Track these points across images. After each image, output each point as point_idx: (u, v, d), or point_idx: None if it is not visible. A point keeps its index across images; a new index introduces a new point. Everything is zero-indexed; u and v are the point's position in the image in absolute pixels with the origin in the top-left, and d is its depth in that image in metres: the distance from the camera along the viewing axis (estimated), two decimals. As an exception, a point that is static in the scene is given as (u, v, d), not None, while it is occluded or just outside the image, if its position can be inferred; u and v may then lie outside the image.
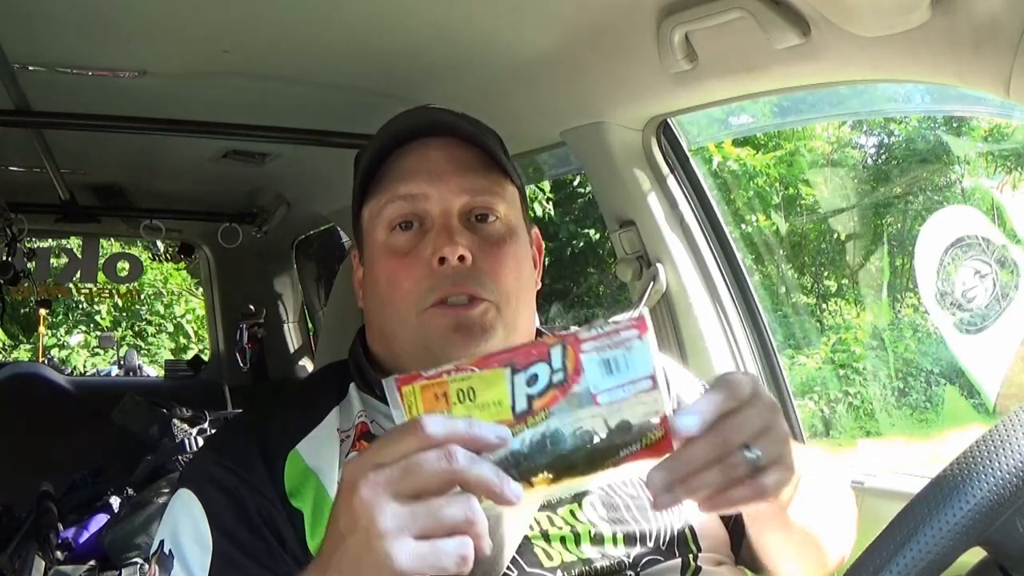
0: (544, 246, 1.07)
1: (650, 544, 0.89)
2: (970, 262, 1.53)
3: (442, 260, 0.89)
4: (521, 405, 0.64)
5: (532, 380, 0.64)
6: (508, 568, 0.83)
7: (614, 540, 0.88)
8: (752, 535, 0.92)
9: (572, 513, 0.89)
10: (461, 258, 0.89)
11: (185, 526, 0.83)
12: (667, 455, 0.65)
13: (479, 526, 0.60)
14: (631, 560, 0.87)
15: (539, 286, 1.03)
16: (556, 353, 0.65)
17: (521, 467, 0.63)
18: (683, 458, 0.65)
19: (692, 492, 0.65)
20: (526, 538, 0.86)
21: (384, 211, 0.93)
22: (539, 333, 1.04)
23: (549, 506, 0.89)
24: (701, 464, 0.65)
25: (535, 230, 1.04)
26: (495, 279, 0.91)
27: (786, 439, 0.69)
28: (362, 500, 0.59)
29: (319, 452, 0.88)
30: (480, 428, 0.61)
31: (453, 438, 0.60)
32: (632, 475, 0.68)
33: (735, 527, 0.98)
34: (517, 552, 0.84)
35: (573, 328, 0.66)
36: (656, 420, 0.65)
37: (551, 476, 0.64)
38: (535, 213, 7.56)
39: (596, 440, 0.64)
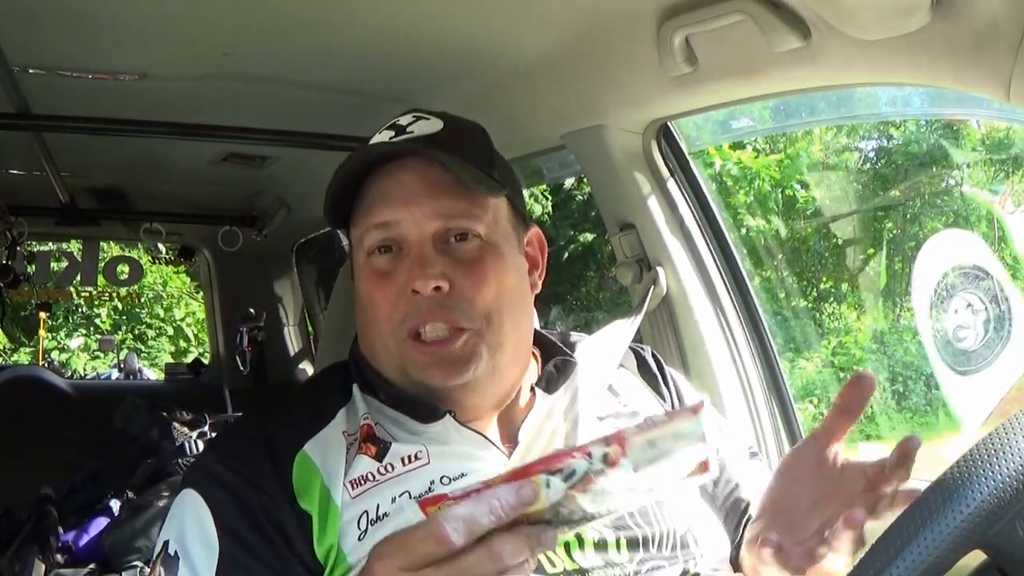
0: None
1: (652, 549, 0.89)
2: (965, 294, 1.51)
3: (415, 291, 0.88)
4: (555, 497, 0.62)
5: (569, 476, 0.62)
6: None
7: (617, 545, 0.87)
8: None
9: None
10: (437, 288, 0.88)
11: (190, 527, 0.82)
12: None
13: None
14: (633, 565, 0.87)
15: (538, 288, 1.02)
16: (597, 452, 0.63)
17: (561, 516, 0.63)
18: None
19: None
20: None
21: (364, 239, 0.93)
22: (537, 336, 1.04)
23: None
24: None
25: (534, 229, 1.02)
26: (473, 303, 0.90)
27: None
28: None
29: (326, 453, 0.88)
30: (504, 500, 0.61)
31: (476, 530, 0.60)
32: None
33: (734, 531, 0.98)
34: None
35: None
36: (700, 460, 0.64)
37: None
38: (534, 215, 7.54)
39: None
